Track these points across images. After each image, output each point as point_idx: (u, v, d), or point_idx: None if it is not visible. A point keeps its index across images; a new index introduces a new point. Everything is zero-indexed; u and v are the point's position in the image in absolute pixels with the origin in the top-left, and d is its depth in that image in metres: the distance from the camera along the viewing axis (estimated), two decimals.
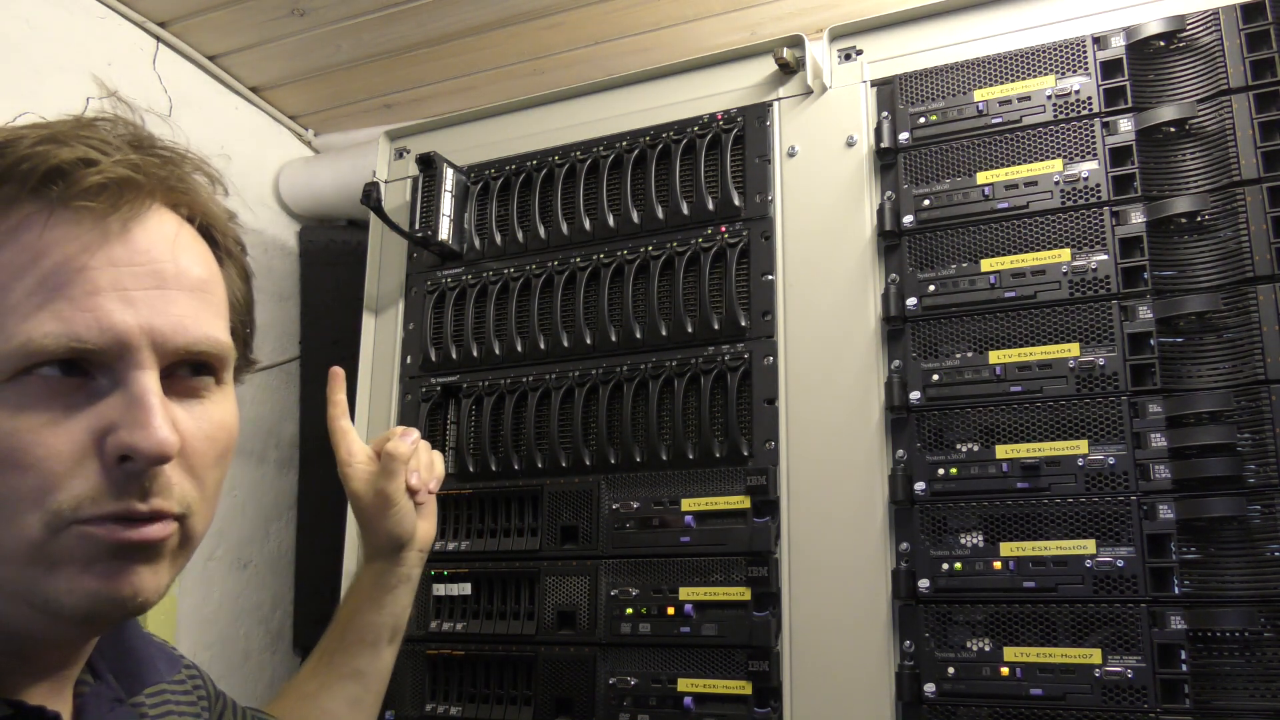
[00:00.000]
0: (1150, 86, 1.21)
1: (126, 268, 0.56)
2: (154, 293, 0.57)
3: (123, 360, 0.55)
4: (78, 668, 0.64)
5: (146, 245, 0.57)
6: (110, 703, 0.67)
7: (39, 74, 1.62)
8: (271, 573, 2.06)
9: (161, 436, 0.54)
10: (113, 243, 0.56)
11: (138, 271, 0.56)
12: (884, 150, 1.32)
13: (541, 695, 1.35)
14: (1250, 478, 1.07)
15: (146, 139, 0.61)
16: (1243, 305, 1.10)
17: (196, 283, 0.60)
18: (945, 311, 1.24)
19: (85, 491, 0.53)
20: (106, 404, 0.54)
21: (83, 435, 0.54)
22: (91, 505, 0.53)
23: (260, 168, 2.13)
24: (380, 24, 1.81)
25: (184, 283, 0.59)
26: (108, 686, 0.68)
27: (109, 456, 0.54)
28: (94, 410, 0.54)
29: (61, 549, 0.53)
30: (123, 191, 0.56)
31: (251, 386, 2.05)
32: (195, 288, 0.60)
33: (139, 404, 0.54)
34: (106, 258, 0.55)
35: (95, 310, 0.54)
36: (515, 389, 1.49)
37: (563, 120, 1.59)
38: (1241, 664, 1.04)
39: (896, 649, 1.19)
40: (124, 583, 0.55)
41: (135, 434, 0.53)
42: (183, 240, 0.60)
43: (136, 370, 0.55)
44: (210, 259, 0.63)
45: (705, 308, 1.39)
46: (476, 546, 1.45)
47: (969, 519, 1.18)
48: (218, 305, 0.62)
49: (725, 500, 1.31)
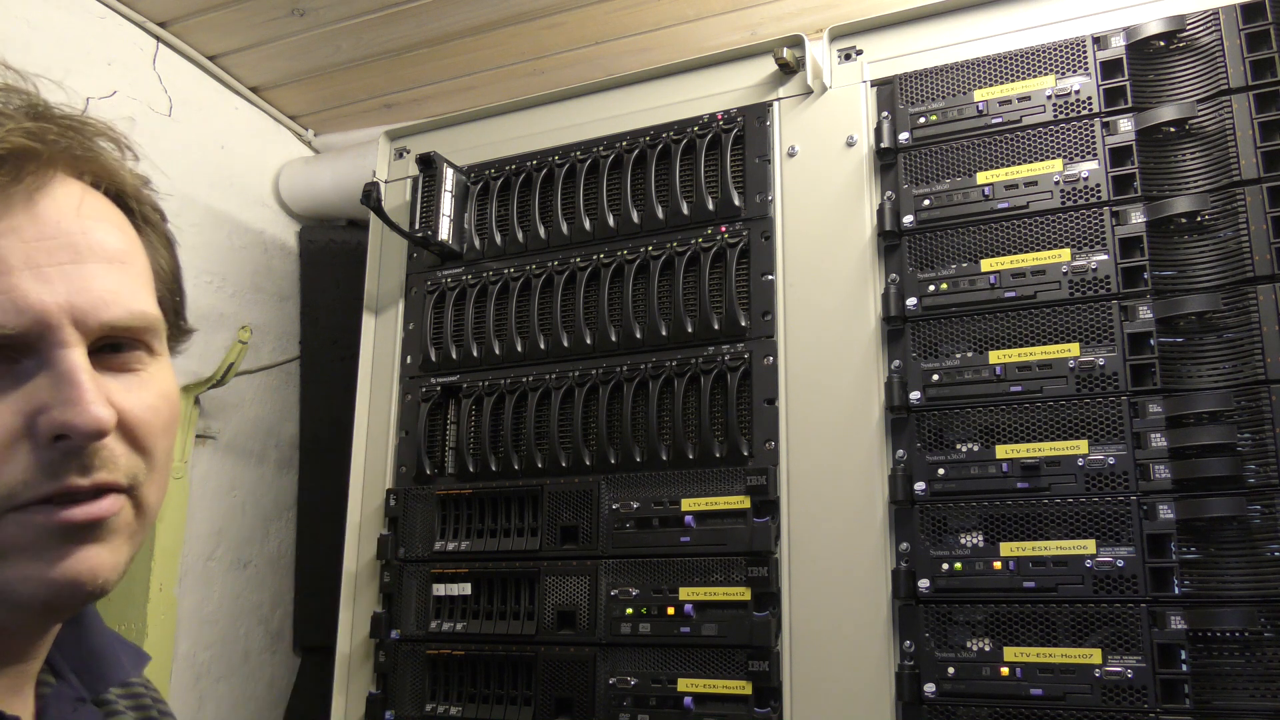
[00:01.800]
0: (1150, 86, 1.21)
1: (37, 243, 0.53)
2: (70, 267, 0.54)
3: (45, 340, 0.52)
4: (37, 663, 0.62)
5: (55, 217, 0.55)
6: (73, 702, 0.65)
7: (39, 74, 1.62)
8: (271, 573, 2.06)
9: (95, 411, 0.52)
10: (19, 217, 0.53)
11: (50, 246, 0.54)
12: (884, 150, 1.32)
13: (541, 695, 1.35)
14: (1250, 478, 1.07)
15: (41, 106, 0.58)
16: (1243, 305, 1.10)
17: (113, 253, 0.57)
18: (945, 311, 1.24)
19: (19, 476, 0.51)
20: (34, 385, 0.52)
21: (12, 419, 0.51)
22: (26, 489, 0.52)
23: (260, 168, 2.13)
24: (380, 24, 1.81)
25: (100, 254, 0.56)
26: (69, 686, 0.65)
27: (42, 437, 0.52)
28: (21, 393, 0.52)
29: (4, 539, 0.52)
30: (23, 162, 0.53)
31: (251, 386, 2.05)
32: (112, 259, 0.57)
33: (68, 381, 0.52)
34: (14, 234, 0.53)
35: (10, 291, 0.52)
36: (515, 389, 1.49)
37: (563, 120, 1.59)
38: (1241, 664, 1.04)
39: (896, 649, 1.18)
40: (79, 565, 0.53)
41: (68, 412, 0.51)
42: (93, 209, 0.58)
43: (61, 349, 0.53)
44: (126, 227, 0.61)
45: (705, 308, 1.39)
46: (476, 546, 1.45)
47: (969, 519, 1.18)
48: (139, 275, 0.60)
49: (725, 500, 1.31)
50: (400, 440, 1.57)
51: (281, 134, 2.19)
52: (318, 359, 2.13)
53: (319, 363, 2.12)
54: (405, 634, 1.46)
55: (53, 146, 0.55)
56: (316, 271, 2.16)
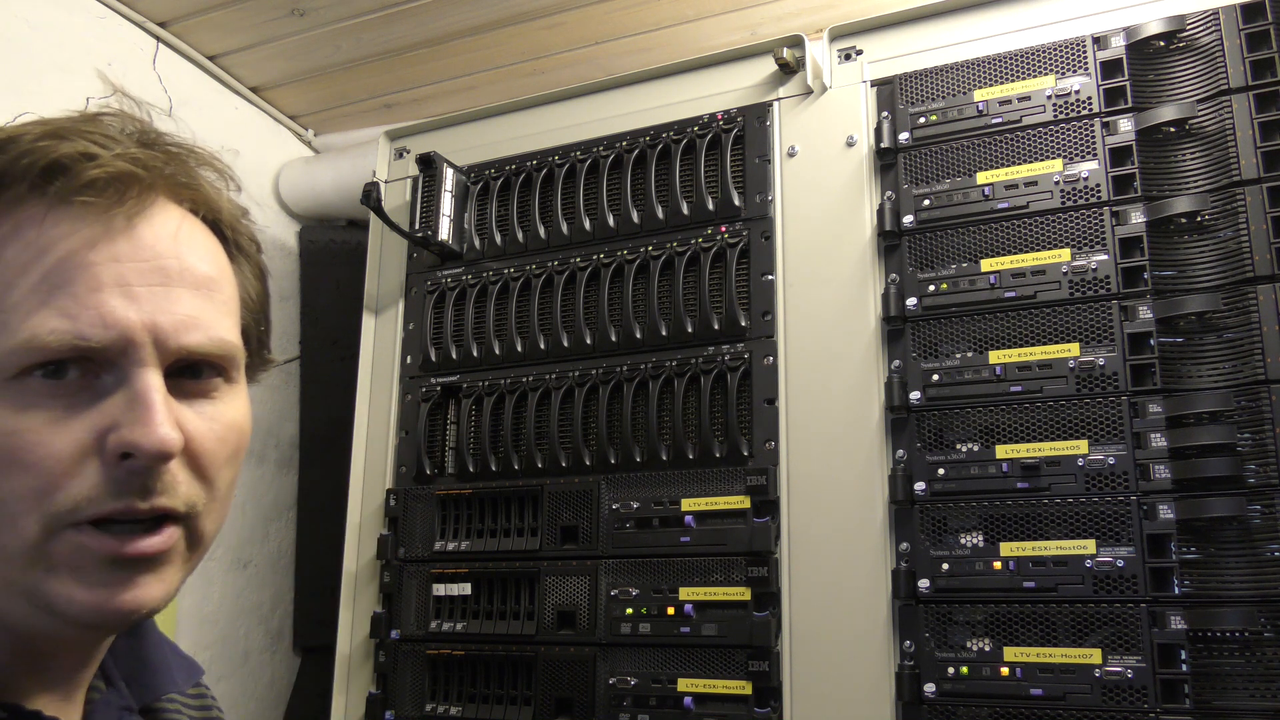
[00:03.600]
0: (1150, 86, 1.21)
1: (130, 263, 0.55)
2: (158, 289, 0.56)
3: (126, 357, 0.54)
4: (89, 671, 0.63)
5: (151, 240, 0.56)
6: (119, 710, 0.66)
7: (39, 74, 1.62)
8: (271, 573, 2.06)
9: (162, 434, 0.53)
10: (116, 238, 0.55)
11: (142, 268, 0.55)
12: (884, 150, 1.32)
13: (541, 695, 1.35)
14: (1250, 478, 1.07)
15: (152, 134, 0.60)
16: (1243, 305, 1.10)
17: (202, 279, 0.59)
18: (945, 311, 1.24)
19: (84, 491, 0.52)
20: (110, 403, 0.53)
21: (85, 435, 0.53)
22: (89, 505, 0.52)
23: (260, 168, 2.13)
24: (380, 24, 1.81)
25: (189, 279, 0.58)
26: (118, 694, 0.66)
27: (110, 455, 0.53)
28: (97, 409, 0.53)
29: (58, 553, 0.53)
30: (126, 186, 0.55)
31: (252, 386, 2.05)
32: (200, 285, 0.58)
33: (140, 401, 0.53)
34: (110, 253, 0.54)
35: (99, 307, 0.53)
36: (515, 389, 1.49)
37: (563, 120, 1.59)
38: (1241, 664, 1.04)
39: (896, 649, 1.19)
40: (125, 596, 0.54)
41: (136, 431, 0.52)
42: (189, 236, 0.59)
43: (139, 368, 0.54)
44: (219, 255, 0.62)
45: (705, 308, 1.39)
46: (476, 546, 1.45)
47: (969, 519, 1.18)
48: (225, 303, 0.61)
49: (725, 500, 1.31)
50: (400, 440, 1.57)
51: (281, 134, 2.19)
52: (318, 359, 2.12)
53: (319, 363, 2.12)
54: (405, 634, 1.46)
55: (156, 172, 0.57)
56: (316, 271, 2.16)
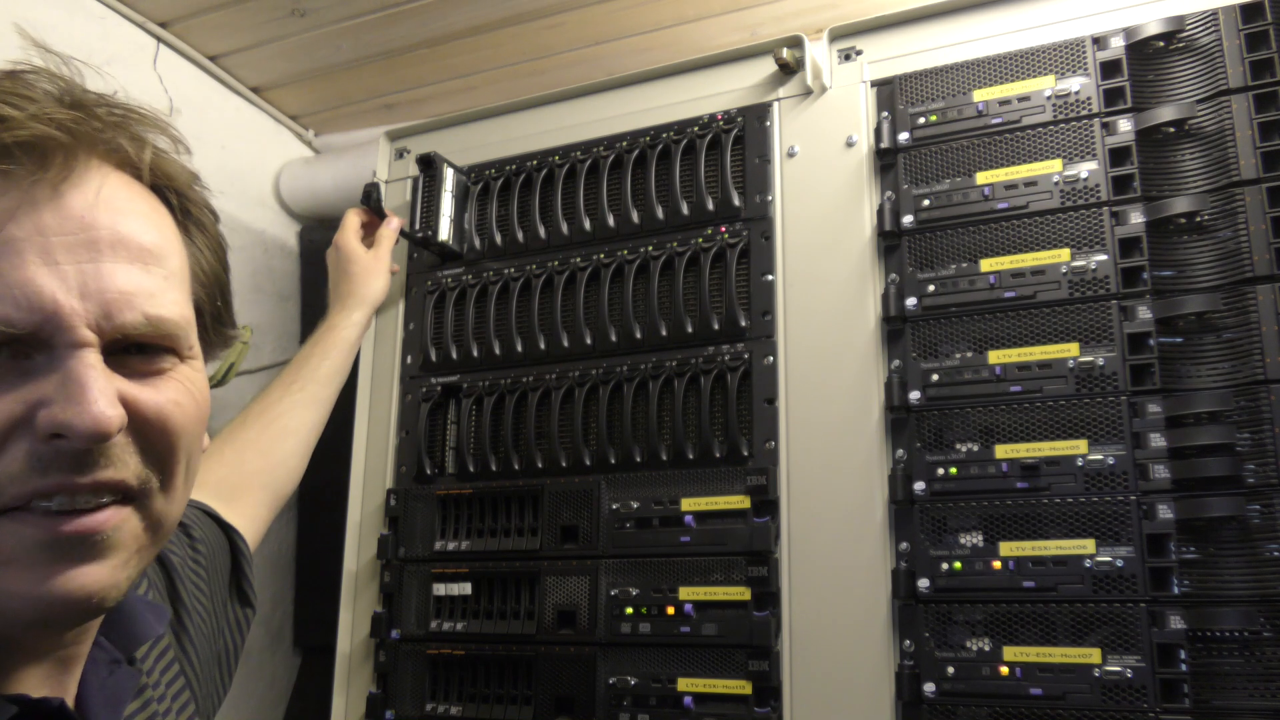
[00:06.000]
0: (1150, 87, 1.21)
1: (57, 236, 0.50)
2: (88, 265, 0.51)
3: (56, 339, 0.50)
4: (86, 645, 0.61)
5: (80, 210, 0.51)
6: (109, 665, 0.63)
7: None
8: (272, 572, 2.06)
9: (96, 411, 0.48)
10: (41, 209, 0.50)
11: (69, 241, 0.51)
12: (884, 150, 1.32)
13: (541, 695, 1.35)
14: (1249, 478, 1.07)
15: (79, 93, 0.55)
16: (1242, 305, 1.10)
17: (141, 250, 0.54)
18: (945, 311, 1.24)
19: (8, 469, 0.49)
20: (40, 382, 0.50)
21: (15, 407, 0.49)
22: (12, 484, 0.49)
23: (260, 168, 2.13)
24: (380, 24, 1.81)
25: (125, 251, 0.53)
26: (103, 649, 0.64)
27: (39, 433, 0.49)
28: (26, 388, 0.49)
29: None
30: (48, 151, 0.50)
31: (253, 386, 2.05)
32: (139, 256, 0.53)
33: (72, 379, 0.49)
34: (34, 226, 0.50)
35: (24, 287, 0.49)
36: (515, 389, 1.49)
37: (563, 120, 1.59)
38: (1241, 664, 1.04)
39: (896, 648, 1.19)
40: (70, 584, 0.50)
41: (68, 410, 0.48)
42: (126, 203, 0.54)
43: (71, 347, 0.50)
44: (164, 223, 0.57)
45: (705, 308, 1.39)
46: (476, 546, 1.45)
47: (969, 519, 1.18)
48: (170, 275, 0.56)
49: (725, 500, 1.31)
50: (400, 440, 1.57)
51: (282, 134, 2.19)
52: None
53: None
54: (405, 634, 1.46)
55: (85, 135, 0.52)
56: (317, 271, 2.16)
